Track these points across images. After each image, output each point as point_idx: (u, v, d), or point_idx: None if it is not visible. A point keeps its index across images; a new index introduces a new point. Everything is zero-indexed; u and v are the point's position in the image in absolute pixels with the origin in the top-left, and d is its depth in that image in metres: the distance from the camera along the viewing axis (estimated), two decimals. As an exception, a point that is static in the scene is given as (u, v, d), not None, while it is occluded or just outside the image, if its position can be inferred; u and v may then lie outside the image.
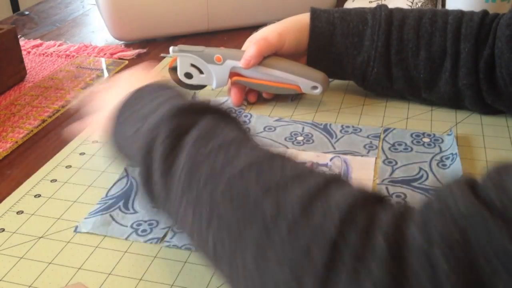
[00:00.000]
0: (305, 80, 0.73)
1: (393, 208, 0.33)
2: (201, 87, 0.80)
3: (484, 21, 0.68)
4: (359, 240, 0.30)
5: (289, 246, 0.32)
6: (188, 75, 0.77)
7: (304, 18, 0.74)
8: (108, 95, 0.57)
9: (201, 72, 0.76)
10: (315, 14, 0.73)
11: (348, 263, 0.29)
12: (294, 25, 0.74)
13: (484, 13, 0.69)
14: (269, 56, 0.73)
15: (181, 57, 0.76)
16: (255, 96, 0.78)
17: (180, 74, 0.77)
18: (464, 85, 0.69)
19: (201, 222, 0.38)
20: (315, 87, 0.74)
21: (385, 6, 0.73)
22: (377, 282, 0.28)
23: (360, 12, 0.74)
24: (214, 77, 0.76)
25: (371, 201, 0.35)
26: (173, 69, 0.79)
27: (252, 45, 0.72)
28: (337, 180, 0.37)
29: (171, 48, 0.75)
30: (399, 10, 0.73)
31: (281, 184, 0.36)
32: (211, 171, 0.39)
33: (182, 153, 0.41)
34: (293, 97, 0.79)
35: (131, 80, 0.58)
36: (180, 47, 0.75)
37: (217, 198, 0.37)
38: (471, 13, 0.69)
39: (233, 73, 0.75)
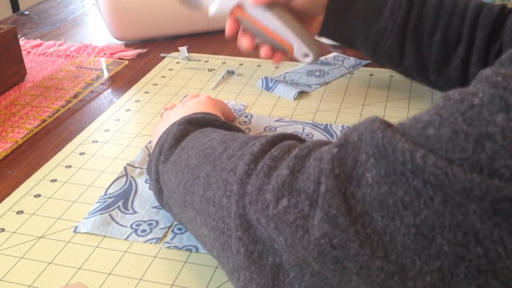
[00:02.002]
0: (300, 42, 0.71)
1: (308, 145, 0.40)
2: (199, 5, 0.75)
3: (501, 14, 0.68)
4: (271, 160, 0.39)
5: (225, 171, 0.42)
6: None
7: None
8: (173, 112, 0.62)
9: None
10: None
11: (261, 168, 0.39)
12: None
13: (503, 6, 0.69)
14: (280, 6, 0.71)
15: None
16: (281, 57, 0.74)
17: None
18: (473, 74, 0.68)
19: (178, 176, 0.48)
20: (306, 55, 0.71)
21: None
22: (279, 175, 0.37)
23: None
24: None
25: (297, 139, 0.44)
26: None
27: None
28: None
29: None
30: None
31: (234, 138, 0.47)
32: (193, 146, 0.49)
33: (180, 145, 0.51)
34: (296, 95, 0.79)
35: (194, 105, 0.62)
36: None
37: (191, 156, 0.48)
38: (492, 4, 0.69)
39: (238, 6, 0.71)
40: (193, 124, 0.54)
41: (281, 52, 0.74)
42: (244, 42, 0.73)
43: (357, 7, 0.72)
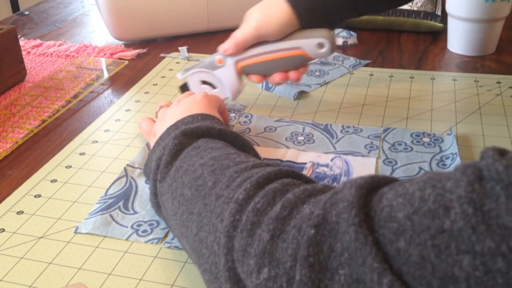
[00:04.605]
0: (307, 40, 0.67)
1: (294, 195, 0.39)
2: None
3: None
4: (254, 214, 0.39)
5: (214, 214, 0.42)
6: None
7: (278, 2, 0.68)
8: (169, 112, 0.62)
9: (213, 87, 0.74)
10: None
11: (244, 223, 0.38)
12: (274, 13, 0.67)
13: None
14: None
15: (190, 78, 0.73)
16: (298, 72, 0.71)
17: None
18: None
19: (174, 204, 0.48)
20: (321, 45, 0.67)
21: None
22: (261, 239, 0.37)
23: None
24: (225, 84, 0.73)
25: (283, 176, 0.43)
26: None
27: (229, 39, 0.70)
28: (263, 164, 0.46)
29: (178, 74, 0.74)
30: None
31: (223, 167, 0.46)
32: (186, 170, 0.49)
33: (175, 163, 0.51)
34: (296, 95, 0.79)
35: (192, 104, 0.61)
36: (184, 69, 0.74)
37: (185, 185, 0.47)
38: None
39: (238, 66, 0.72)
40: (188, 135, 0.53)
41: (296, 69, 0.71)
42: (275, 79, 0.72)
43: (328, 4, 0.67)
